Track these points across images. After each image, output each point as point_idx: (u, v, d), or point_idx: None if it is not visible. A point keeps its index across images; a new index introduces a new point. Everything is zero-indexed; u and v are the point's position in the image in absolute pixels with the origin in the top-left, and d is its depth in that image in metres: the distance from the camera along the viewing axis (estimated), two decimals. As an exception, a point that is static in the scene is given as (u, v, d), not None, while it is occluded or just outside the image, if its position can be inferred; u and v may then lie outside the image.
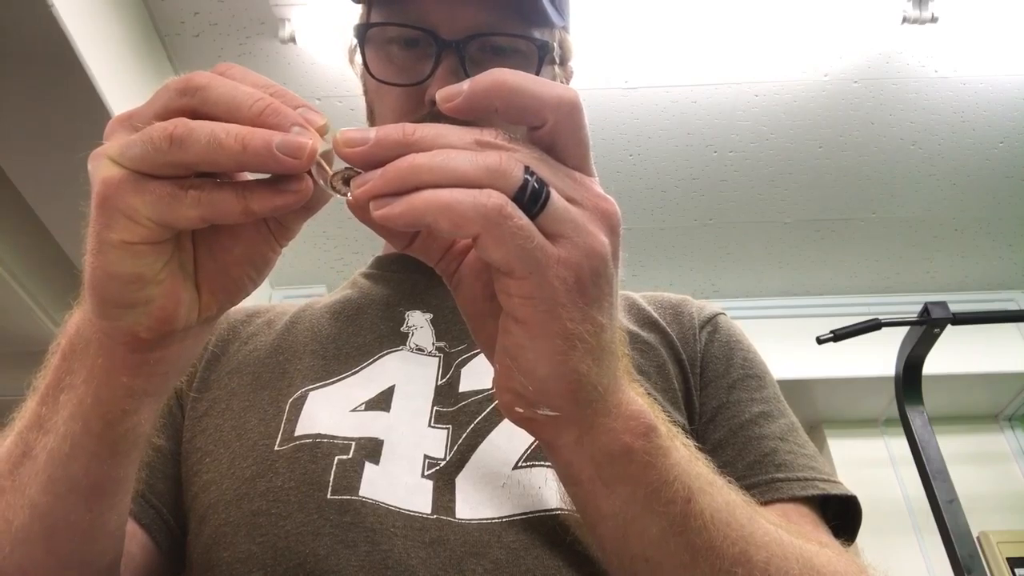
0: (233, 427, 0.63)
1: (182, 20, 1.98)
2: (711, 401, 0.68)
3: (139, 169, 0.35)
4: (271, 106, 0.35)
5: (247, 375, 0.67)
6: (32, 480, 0.43)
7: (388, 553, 0.52)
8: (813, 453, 0.65)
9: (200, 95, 0.35)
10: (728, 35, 2.05)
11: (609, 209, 0.36)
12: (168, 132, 0.34)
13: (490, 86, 0.35)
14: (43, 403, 0.43)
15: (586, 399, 0.37)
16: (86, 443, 0.42)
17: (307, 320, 0.73)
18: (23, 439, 0.44)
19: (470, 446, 0.60)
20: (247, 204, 0.36)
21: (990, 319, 2.22)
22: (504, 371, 0.37)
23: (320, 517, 0.54)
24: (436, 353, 0.68)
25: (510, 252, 0.33)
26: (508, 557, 0.53)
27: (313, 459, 0.58)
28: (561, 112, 0.35)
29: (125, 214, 0.35)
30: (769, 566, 0.42)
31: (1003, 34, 2.06)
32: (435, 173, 0.33)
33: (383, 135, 0.34)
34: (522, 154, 0.35)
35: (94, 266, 0.37)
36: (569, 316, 0.34)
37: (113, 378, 0.41)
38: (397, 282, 0.76)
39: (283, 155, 0.34)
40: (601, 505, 0.40)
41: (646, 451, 0.39)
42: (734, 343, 0.72)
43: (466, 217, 0.32)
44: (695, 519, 0.40)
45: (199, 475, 0.61)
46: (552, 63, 0.70)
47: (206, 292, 0.40)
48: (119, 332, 0.39)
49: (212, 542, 0.56)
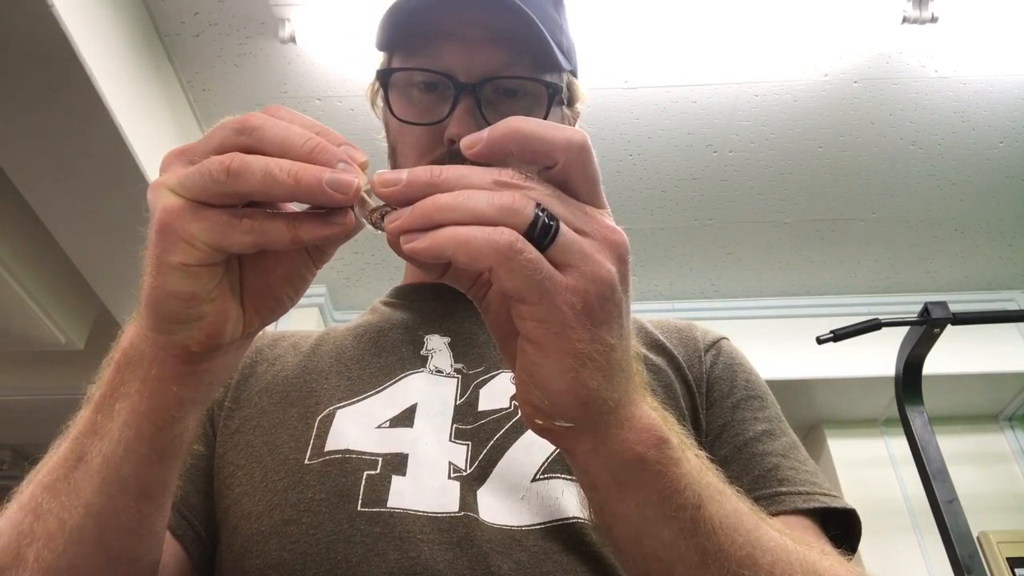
0: (265, 443, 0.67)
1: (182, 20, 1.98)
2: (716, 420, 0.71)
3: (197, 198, 0.39)
4: (320, 145, 0.39)
5: (276, 394, 0.71)
6: (87, 482, 0.47)
7: (416, 560, 0.56)
8: (814, 470, 0.68)
9: (256, 134, 0.39)
10: (728, 35, 2.05)
11: (618, 240, 0.40)
12: (226, 165, 0.38)
13: (506, 133, 0.39)
14: (98, 411, 0.46)
15: (597, 411, 0.40)
16: (138, 447, 0.46)
17: (331, 342, 0.77)
18: (79, 444, 0.47)
19: (491, 461, 0.64)
20: (296, 233, 0.39)
21: (990, 319, 2.22)
22: (523, 386, 0.41)
23: (351, 527, 0.58)
24: (455, 374, 0.72)
25: (520, 282, 0.37)
26: (530, 559, 0.57)
27: (343, 473, 0.62)
28: (571, 153, 0.39)
29: (184, 239, 0.39)
30: (774, 569, 0.44)
31: (1003, 34, 2.06)
32: (455, 212, 0.37)
33: (414, 177, 0.38)
34: (537, 192, 0.38)
35: (153, 286, 0.40)
36: (578, 337, 0.38)
37: (165, 387, 0.44)
38: (416, 309, 0.81)
39: (332, 191, 0.38)
40: (616, 509, 0.43)
41: (658, 460, 0.42)
42: (736, 365, 0.76)
43: (481, 252, 0.36)
44: (704, 524, 0.43)
45: (232, 488, 0.65)
46: (561, 104, 0.76)
47: (250, 309, 0.45)
48: (173, 345, 0.42)
49: (244, 550, 0.59)
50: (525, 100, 0.71)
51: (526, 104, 0.71)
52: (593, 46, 2.06)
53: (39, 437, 3.80)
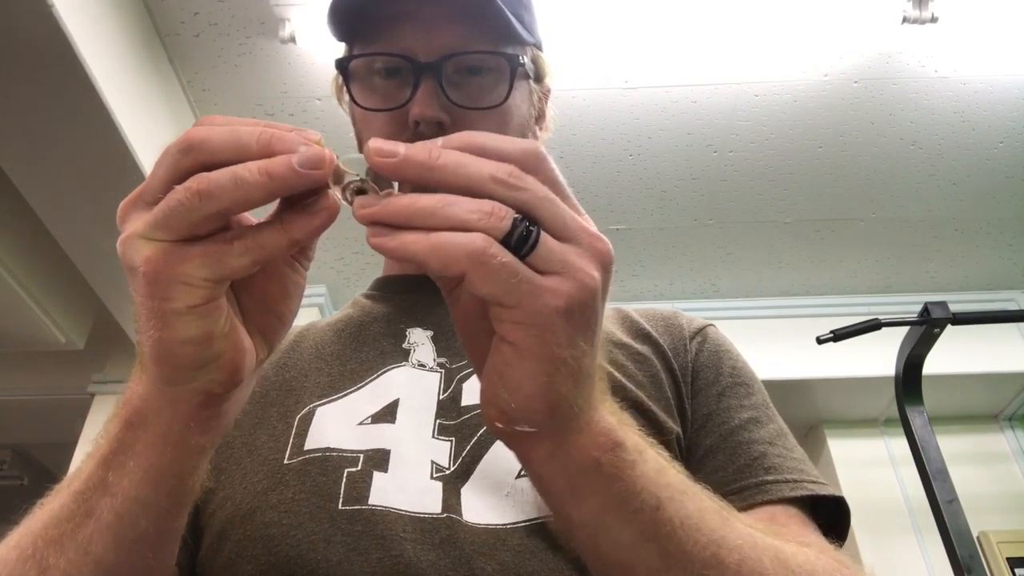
0: (244, 444, 0.65)
1: (182, 20, 1.98)
2: (701, 408, 0.70)
3: (177, 236, 0.37)
4: (275, 135, 0.37)
5: (255, 393, 0.69)
6: (98, 539, 0.45)
7: (399, 558, 0.54)
8: (802, 457, 0.67)
9: (206, 147, 0.37)
10: (728, 35, 2.05)
11: (603, 248, 0.39)
12: (194, 190, 0.36)
13: (462, 145, 0.38)
14: (107, 468, 0.45)
15: (563, 417, 0.40)
16: (158, 502, 0.45)
17: (311, 339, 0.75)
18: (85, 500, 0.46)
19: (474, 457, 0.62)
20: (290, 235, 0.38)
21: (990, 319, 2.22)
22: (490, 387, 0.40)
23: (332, 526, 0.56)
24: (438, 369, 0.70)
25: (495, 287, 0.36)
26: (514, 559, 0.55)
27: (323, 472, 0.60)
28: (527, 164, 0.38)
29: (182, 282, 0.37)
30: (742, 568, 0.43)
31: (1003, 34, 2.06)
32: (433, 218, 0.36)
33: (411, 154, 0.37)
34: (530, 193, 0.37)
35: (160, 339, 0.38)
36: (556, 342, 0.37)
37: (188, 440, 0.43)
38: (398, 301, 0.79)
39: (308, 171, 0.36)
40: (572, 514, 0.42)
41: (613, 464, 0.41)
42: (723, 352, 0.75)
43: (452, 257, 0.35)
44: (664, 525, 0.42)
45: (215, 492, 0.63)
46: (526, 78, 0.74)
47: (256, 335, 0.43)
48: (194, 393, 0.41)
49: (235, 556, 0.58)
50: (488, 76, 0.69)
51: (489, 80, 0.69)
52: (593, 46, 2.06)
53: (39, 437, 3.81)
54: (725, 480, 0.63)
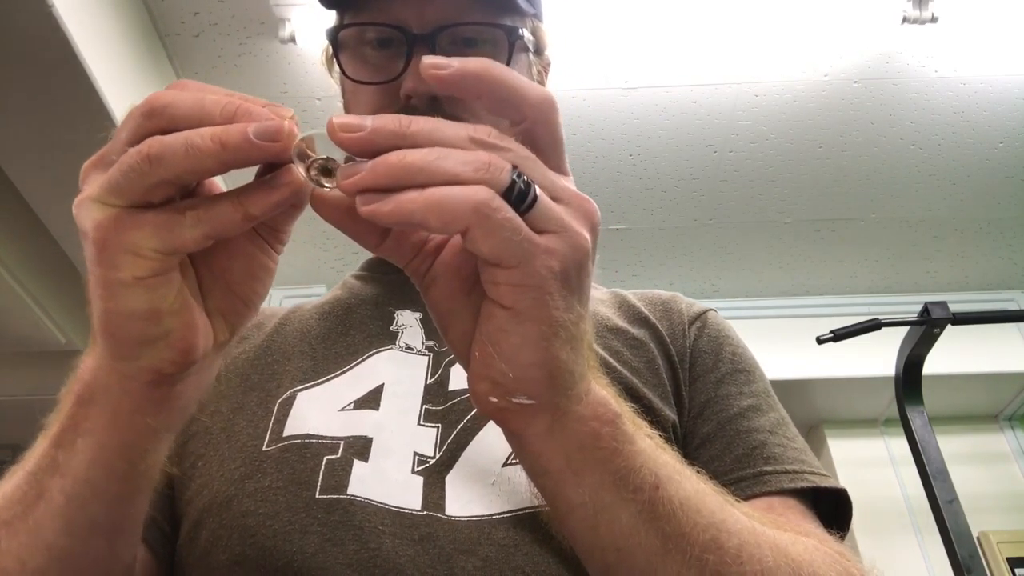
0: (222, 429, 0.63)
1: (182, 20, 1.98)
2: (699, 396, 0.67)
3: (129, 201, 0.35)
4: (241, 107, 0.35)
5: (236, 377, 0.67)
6: (49, 523, 0.43)
7: (376, 551, 0.52)
8: (803, 447, 0.65)
9: (168, 112, 0.35)
10: (728, 35, 2.05)
11: (590, 209, 0.38)
12: (144, 153, 0.34)
13: (479, 71, 0.36)
14: (58, 447, 0.43)
15: (562, 386, 0.38)
16: (109, 486, 0.43)
17: (296, 321, 0.73)
18: (36, 480, 0.44)
19: (460, 444, 0.60)
20: (246, 209, 0.36)
21: (990, 319, 2.22)
22: (484, 359, 0.37)
23: (308, 516, 0.54)
24: (426, 352, 0.68)
25: (498, 243, 0.33)
26: (498, 554, 0.53)
27: (302, 459, 0.58)
28: (540, 111, 0.37)
29: (129, 251, 0.35)
30: (741, 553, 0.42)
31: (1003, 34, 2.06)
32: (425, 174, 0.33)
33: (380, 124, 0.34)
34: (512, 153, 0.35)
35: (105, 310, 0.36)
36: (555, 304, 0.35)
37: (137, 420, 0.41)
38: (387, 282, 0.76)
39: (263, 141, 0.34)
40: (571, 495, 0.40)
41: (612, 436, 0.39)
42: (723, 338, 0.72)
43: (455, 212, 0.33)
44: (663, 506, 0.40)
45: (192, 479, 0.61)
46: (525, 51, 0.70)
47: (216, 315, 0.41)
48: (141, 371, 0.39)
49: (210, 545, 0.56)
50: (485, 48, 0.66)
51: (486, 53, 0.65)
52: (593, 46, 2.06)
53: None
54: (722, 469, 0.61)
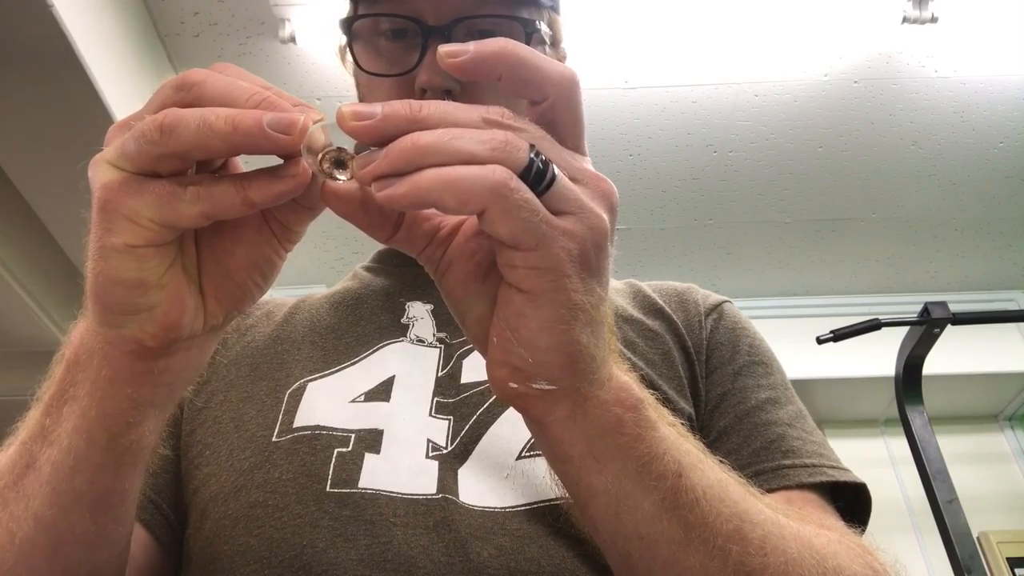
0: (231, 419, 0.62)
1: (182, 20, 1.98)
2: (716, 388, 0.67)
3: (137, 168, 0.35)
4: (268, 98, 0.35)
5: (245, 366, 0.67)
6: (36, 492, 0.43)
7: (388, 545, 0.51)
8: (821, 440, 0.64)
9: (196, 90, 0.35)
10: (728, 35, 2.05)
11: (608, 189, 0.37)
12: (159, 123, 0.33)
13: (498, 51, 0.35)
14: (47, 414, 0.43)
15: (583, 370, 0.37)
16: (91, 455, 0.42)
17: (306, 311, 0.72)
18: (27, 450, 0.44)
19: (473, 437, 0.59)
20: (246, 194, 0.35)
21: (990, 319, 2.22)
22: (503, 344, 0.36)
23: (318, 509, 0.54)
24: (437, 344, 0.67)
25: (516, 225, 0.33)
26: (513, 544, 0.52)
27: (312, 451, 0.57)
28: (562, 89, 0.36)
29: (127, 217, 0.35)
30: (765, 544, 0.41)
31: (1003, 34, 2.06)
32: (441, 154, 0.32)
33: (391, 110, 0.33)
34: (528, 133, 0.35)
35: (96, 272, 0.36)
36: (573, 287, 0.35)
37: (118, 389, 0.40)
38: (398, 274, 0.76)
39: (275, 132, 0.33)
40: (593, 482, 0.39)
41: (635, 423, 0.39)
42: (740, 330, 0.71)
43: (472, 192, 0.32)
44: (687, 494, 0.39)
45: (199, 468, 0.61)
46: (542, 43, 0.69)
47: (211, 298, 0.40)
48: (123, 340, 0.38)
49: (213, 535, 0.55)
50: None
51: None
52: (593, 46, 2.06)
53: (39, 437, 3.82)
54: (740, 463, 0.60)
